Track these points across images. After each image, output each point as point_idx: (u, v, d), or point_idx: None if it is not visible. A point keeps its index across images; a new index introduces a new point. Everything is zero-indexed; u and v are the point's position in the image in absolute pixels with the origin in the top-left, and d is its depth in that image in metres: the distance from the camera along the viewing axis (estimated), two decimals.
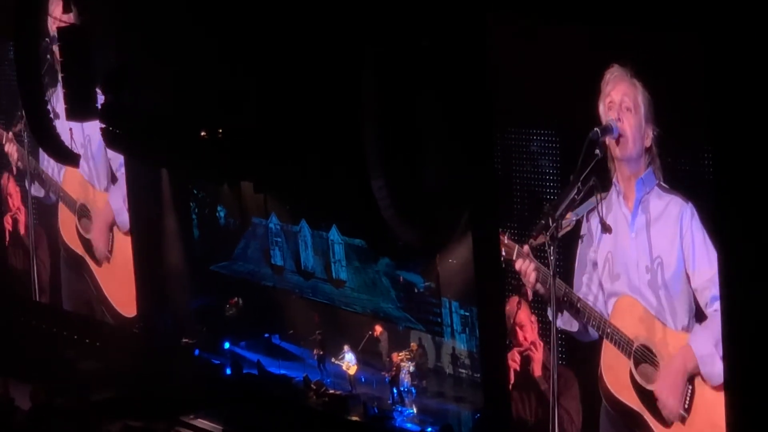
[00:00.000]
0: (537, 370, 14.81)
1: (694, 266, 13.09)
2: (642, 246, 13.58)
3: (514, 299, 14.91)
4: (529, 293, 14.72)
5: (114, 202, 20.73)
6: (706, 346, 13.08)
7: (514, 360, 15.02)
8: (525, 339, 14.88)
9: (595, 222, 14.04)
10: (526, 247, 14.58)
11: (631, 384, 13.94)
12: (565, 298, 14.38)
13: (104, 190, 20.88)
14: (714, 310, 12.93)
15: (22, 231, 22.59)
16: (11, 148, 22.22)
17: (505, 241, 14.77)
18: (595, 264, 14.09)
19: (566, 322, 14.49)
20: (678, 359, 13.45)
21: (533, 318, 14.76)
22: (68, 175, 21.44)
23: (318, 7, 15.01)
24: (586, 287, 14.23)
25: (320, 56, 14.95)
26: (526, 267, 14.60)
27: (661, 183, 13.28)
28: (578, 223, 14.13)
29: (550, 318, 14.52)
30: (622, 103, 13.39)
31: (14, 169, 22.31)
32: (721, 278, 12.68)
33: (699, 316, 13.18)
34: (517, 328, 14.92)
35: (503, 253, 14.80)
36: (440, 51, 14.47)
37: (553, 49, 13.73)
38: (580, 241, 14.14)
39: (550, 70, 13.82)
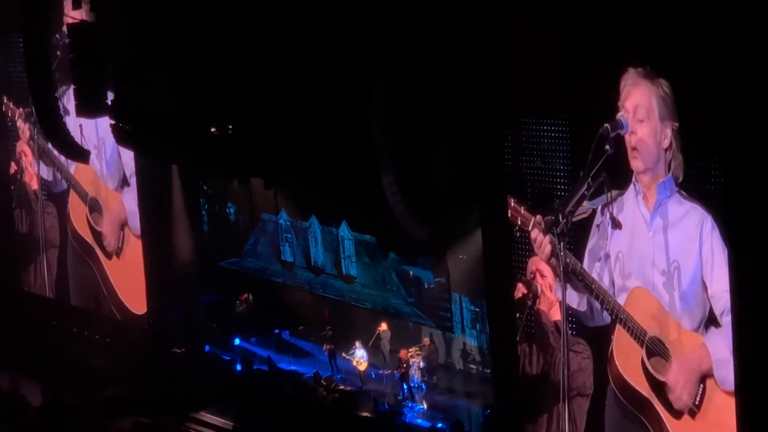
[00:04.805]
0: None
1: (712, 275, 13.09)
2: (659, 247, 13.57)
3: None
4: (544, 268, 14.71)
5: (128, 203, 20.73)
6: (723, 351, 13.09)
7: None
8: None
9: (609, 216, 14.03)
10: (538, 216, 14.50)
11: (642, 371, 13.96)
12: (580, 278, 14.36)
13: (116, 190, 20.88)
14: (729, 320, 12.92)
15: (34, 226, 22.63)
16: (23, 126, 22.16)
17: (522, 211, 14.70)
18: (608, 256, 14.09)
19: (573, 300, 14.50)
20: (693, 357, 13.45)
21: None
22: (80, 165, 21.36)
23: (328, 6, 15.00)
24: (597, 276, 14.21)
25: (330, 53, 14.94)
26: (543, 238, 14.57)
27: (680, 190, 13.25)
28: (593, 212, 14.12)
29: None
30: (635, 113, 13.36)
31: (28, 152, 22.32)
32: (733, 286, 12.68)
33: (712, 321, 13.20)
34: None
35: (518, 223, 14.74)
36: (449, 48, 14.45)
37: (561, 47, 13.70)
38: (596, 230, 14.13)
39: (560, 66, 13.80)
